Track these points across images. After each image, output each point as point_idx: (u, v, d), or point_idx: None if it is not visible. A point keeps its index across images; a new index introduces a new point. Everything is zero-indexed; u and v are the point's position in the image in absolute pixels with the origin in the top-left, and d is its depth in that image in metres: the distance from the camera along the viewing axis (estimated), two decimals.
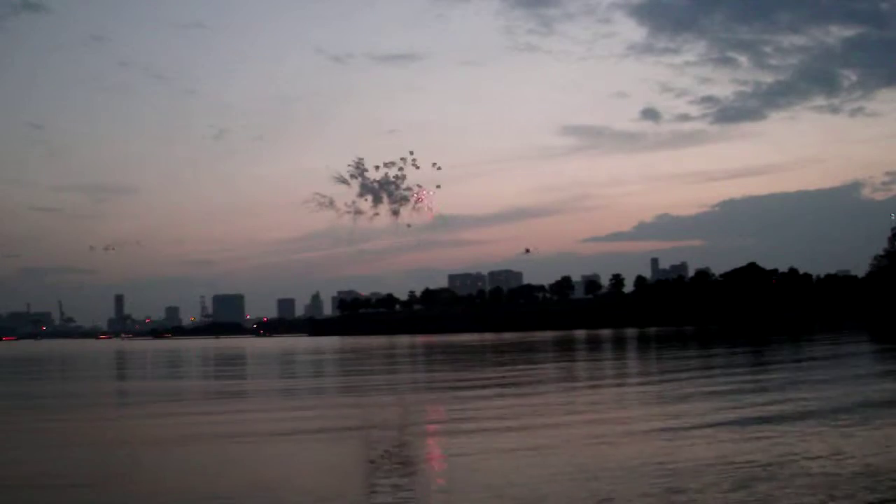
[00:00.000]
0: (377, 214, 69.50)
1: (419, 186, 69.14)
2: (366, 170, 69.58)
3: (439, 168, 70.63)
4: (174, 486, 12.86)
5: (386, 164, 69.18)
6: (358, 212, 69.30)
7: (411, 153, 68.91)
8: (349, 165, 69.61)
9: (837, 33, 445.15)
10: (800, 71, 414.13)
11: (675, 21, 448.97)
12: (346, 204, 69.40)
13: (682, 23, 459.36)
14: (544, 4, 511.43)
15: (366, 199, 69.10)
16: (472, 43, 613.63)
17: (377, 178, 69.36)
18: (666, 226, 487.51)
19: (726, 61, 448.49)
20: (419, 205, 68.55)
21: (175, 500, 12.04)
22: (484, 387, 31.85)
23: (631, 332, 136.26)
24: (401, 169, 68.87)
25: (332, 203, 69.33)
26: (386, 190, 69.29)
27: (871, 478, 11.81)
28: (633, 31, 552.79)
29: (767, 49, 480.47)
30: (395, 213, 69.53)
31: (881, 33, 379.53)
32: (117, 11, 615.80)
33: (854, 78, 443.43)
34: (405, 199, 68.56)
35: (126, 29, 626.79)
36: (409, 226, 69.93)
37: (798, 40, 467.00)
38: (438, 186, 70.21)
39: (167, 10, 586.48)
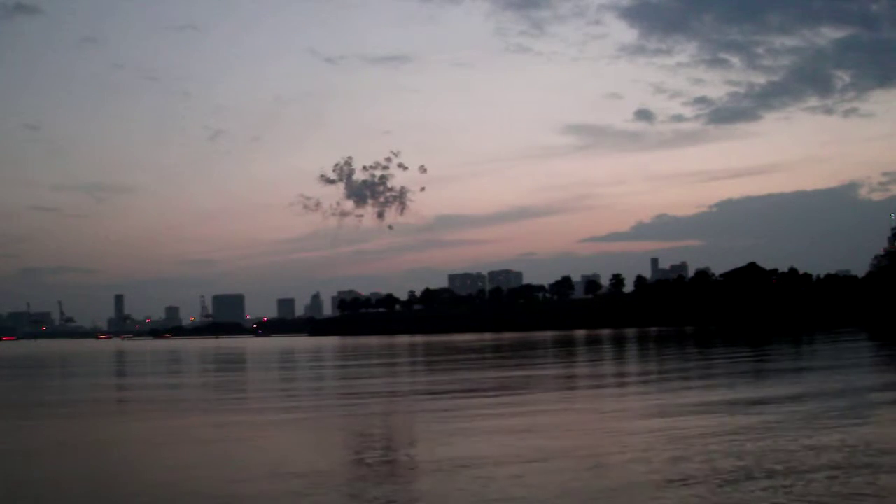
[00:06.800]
0: (362, 216, 69.11)
1: (404, 188, 68.94)
2: (353, 171, 69.14)
3: (425, 171, 70.11)
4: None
5: (372, 166, 68.61)
6: (343, 213, 68.99)
7: (395, 153, 68.40)
8: (336, 165, 69.24)
9: (829, 34, 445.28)
10: (792, 72, 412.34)
11: (666, 22, 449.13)
12: (331, 206, 68.80)
13: (672, 24, 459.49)
14: (535, 6, 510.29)
15: (355, 201, 68.70)
16: (464, 44, 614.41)
17: (364, 179, 68.98)
18: (665, 226, 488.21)
19: (718, 62, 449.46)
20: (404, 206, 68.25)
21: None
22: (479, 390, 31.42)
23: (631, 332, 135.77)
24: (386, 168, 68.42)
25: (317, 205, 68.84)
26: (371, 191, 69.04)
27: None
28: (624, 32, 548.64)
29: (759, 50, 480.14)
30: (380, 215, 69.29)
31: (872, 34, 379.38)
32: (110, 13, 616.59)
33: (847, 79, 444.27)
34: (390, 201, 68.35)
35: (120, 31, 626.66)
36: (391, 227, 69.57)
37: (789, 41, 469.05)
38: (423, 189, 69.67)
39: (160, 12, 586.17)
